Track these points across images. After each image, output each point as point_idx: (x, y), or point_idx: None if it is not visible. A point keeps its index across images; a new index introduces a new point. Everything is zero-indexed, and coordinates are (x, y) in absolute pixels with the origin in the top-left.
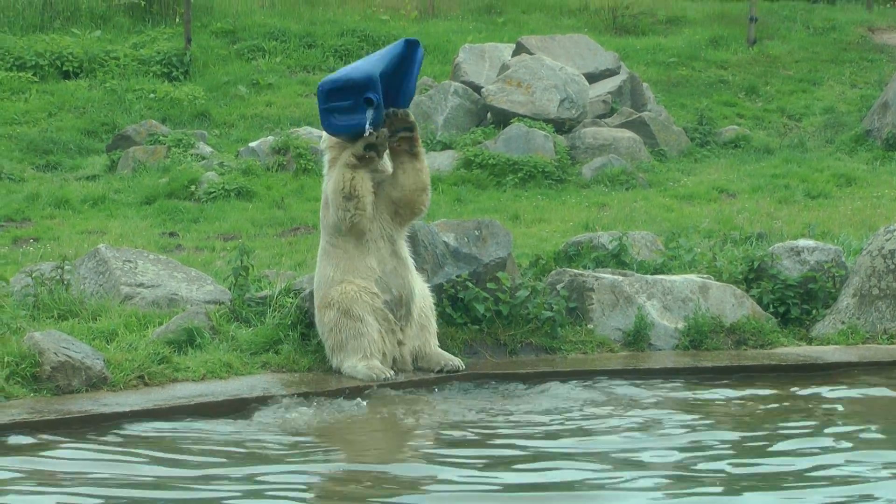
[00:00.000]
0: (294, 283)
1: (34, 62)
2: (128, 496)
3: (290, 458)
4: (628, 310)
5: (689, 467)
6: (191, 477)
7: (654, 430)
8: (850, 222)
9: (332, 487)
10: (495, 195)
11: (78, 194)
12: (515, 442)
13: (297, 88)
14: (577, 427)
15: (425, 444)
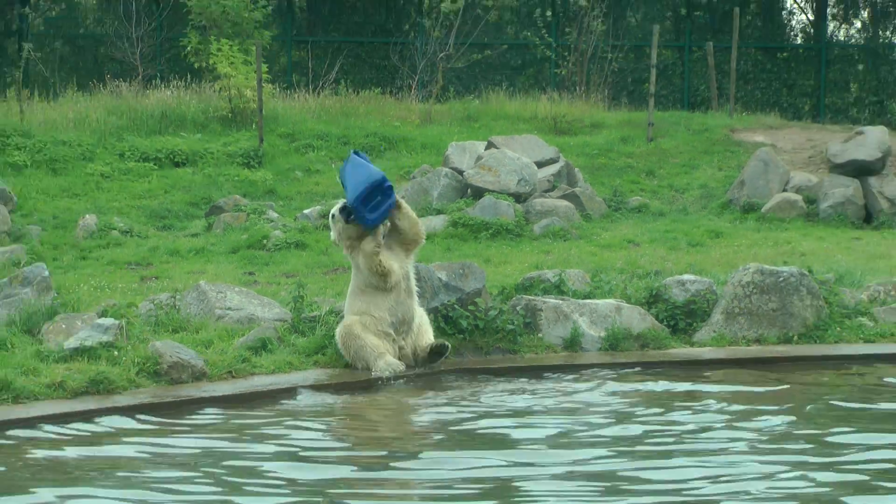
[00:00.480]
0: (335, 307)
1: (155, 156)
2: (221, 447)
3: (328, 423)
4: (566, 324)
5: (599, 426)
6: (269, 434)
7: (582, 404)
8: (718, 263)
9: (353, 444)
10: (474, 245)
11: (185, 246)
12: (486, 409)
13: (336, 173)
14: (526, 402)
15: (425, 414)
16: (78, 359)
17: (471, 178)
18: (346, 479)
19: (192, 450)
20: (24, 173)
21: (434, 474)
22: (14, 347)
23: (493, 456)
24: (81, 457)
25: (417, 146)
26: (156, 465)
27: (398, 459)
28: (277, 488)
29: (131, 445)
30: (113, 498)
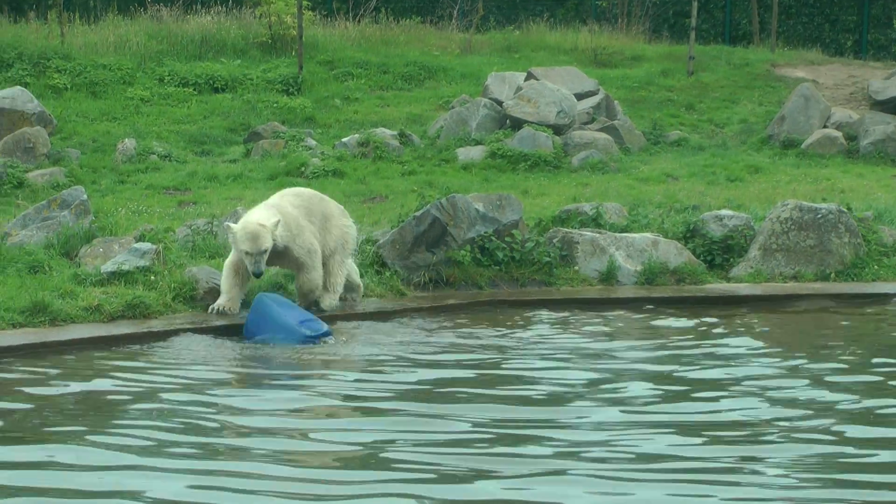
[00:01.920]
0: (372, 236)
1: (194, 81)
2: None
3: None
4: (603, 257)
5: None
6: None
7: (620, 331)
8: (757, 198)
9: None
10: (511, 177)
11: (223, 172)
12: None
13: (376, 101)
14: (561, 335)
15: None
16: (115, 283)
17: (510, 109)
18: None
19: (228, 374)
20: (64, 96)
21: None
22: (52, 270)
23: (529, 390)
24: (116, 383)
25: (457, 76)
26: (190, 390)
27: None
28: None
29: (166, 370)
30: (151, 426)
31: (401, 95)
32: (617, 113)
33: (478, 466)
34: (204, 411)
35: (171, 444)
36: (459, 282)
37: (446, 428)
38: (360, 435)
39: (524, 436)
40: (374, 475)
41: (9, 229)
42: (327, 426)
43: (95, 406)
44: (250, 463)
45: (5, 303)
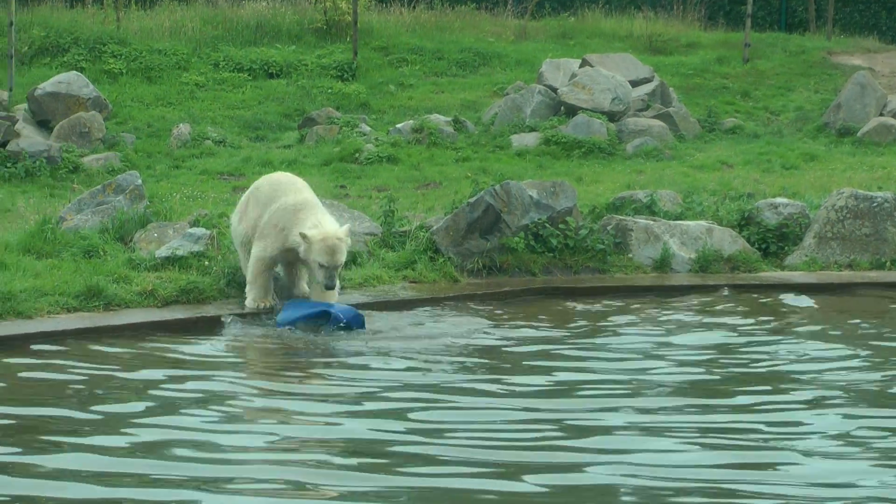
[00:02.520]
0: (426, 222)
1: (249, 66)
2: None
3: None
4: (657, 244)
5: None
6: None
7: (670, 326)
8: (812, 186)
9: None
10: (566, 163)
11: (278, 158)
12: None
13: (430, 87)
14: (616, 321)
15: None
16: (169, 268)
17: (564, 95)
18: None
19: (283, 360)
20: (120, 81)
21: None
22: (106, 255)
23: (586, 369)
24: (172, 369)
25: (511, 62)
26: (244, 372)
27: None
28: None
29: (219, 356)
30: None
31: (455, 82)
32: (672, 100)
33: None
34: (256, 394)
35: (221, 432)
36: (513, 269)
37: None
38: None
39: (589, 427)
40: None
41: (64, 214)
42: (388, 411)
43: (146, 389)
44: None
45: (60, 287)
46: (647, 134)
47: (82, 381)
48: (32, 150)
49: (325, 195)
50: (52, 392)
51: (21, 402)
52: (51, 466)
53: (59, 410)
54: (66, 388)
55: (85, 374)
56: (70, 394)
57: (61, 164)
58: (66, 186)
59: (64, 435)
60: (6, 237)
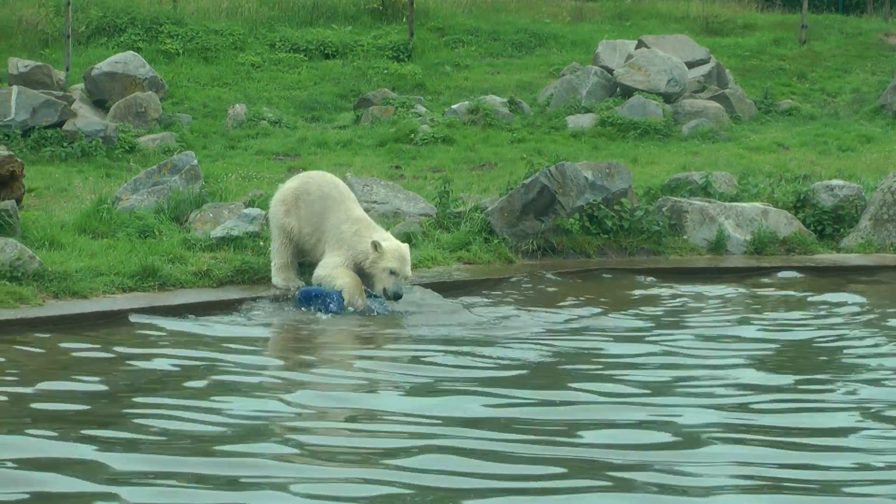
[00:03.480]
0: (481, 203)
1: (305, 47)
2: None
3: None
4: (712, 226)
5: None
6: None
7: (725, 307)
8: (868, 168)
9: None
10: (621, 145)
11: (333, 138)
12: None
13: (486, 68)
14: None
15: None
16: (224, 248)
17: (620, 76)
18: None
19: (335, 339)
20: (176, 61)
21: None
22: (161, 235)
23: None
24: (223, 350)
25: (567, 44)
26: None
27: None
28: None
29: (273, 337)
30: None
31: (511, 63)
32: (728, 82)
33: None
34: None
35: (273, 418)
36: (567, 250)
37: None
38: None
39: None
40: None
41: (120, 194)
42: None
43: (207, 371)
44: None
45: (116, 267)
46: (703, 115)
47: (140, 361)
48: (89, 129)
49: (380, 176)
50: (107, 371)
51: (79, 380)
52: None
53: (113, 389)
54: (121, 368)
55: (142, 355)
56: (126, 374)
57: (117, 144)
58: (121, 166)
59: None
60: (62, 217)
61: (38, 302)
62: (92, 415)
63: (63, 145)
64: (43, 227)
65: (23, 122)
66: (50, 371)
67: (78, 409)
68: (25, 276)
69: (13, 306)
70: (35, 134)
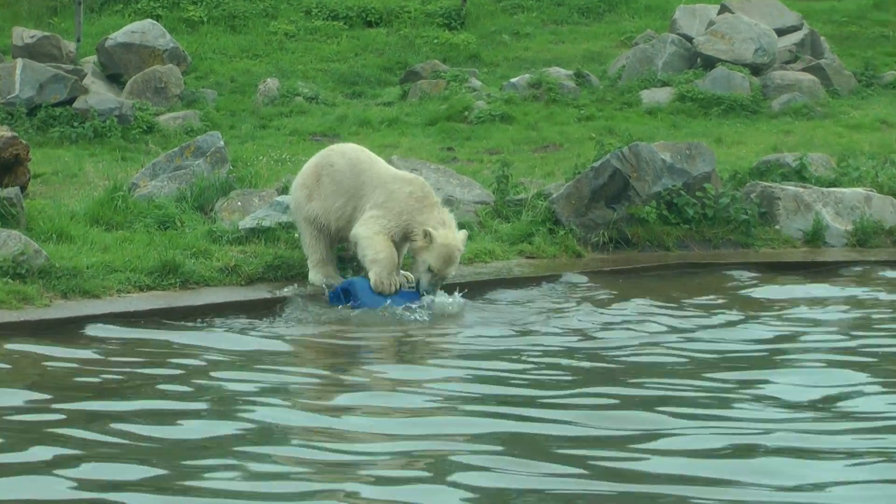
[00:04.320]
0: (544, 190)
1: (345, 14)
2: None
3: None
4: (807, 215)
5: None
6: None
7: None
8: None
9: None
10: (703, 123)
11: (377, 116)
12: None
13: (549, 37)
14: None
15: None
16: (254, 240)
17: (701, 45)
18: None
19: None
20: (200, 30)
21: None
22: (184, 226)
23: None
24: (257, 359)
25: (640, 8)
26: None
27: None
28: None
29: (306, 343)
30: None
31: (577, 30)
32: (823, 51)
33: None
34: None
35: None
36: (643, 242)
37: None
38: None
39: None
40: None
41: (137, 179)
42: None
43: (227, 382)
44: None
45: (132, 262)
46: (796, 89)
47: (154, 369)
48: (102, 107)
49: (430, 159)
50: (119, 381)
51: (87, 393)
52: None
53: (125, 404)
54: (136, 378)
55: (158, 362)
56: (140, 384)
57: (134, 124)
58: (139, 149)
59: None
60: (72, 206)
61: (45, 302)
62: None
63: (73, 125)
64: (50, 217)
65: (28, 99)
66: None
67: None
68: (30, 272)
69: (16, 307)
70: (42, 112)
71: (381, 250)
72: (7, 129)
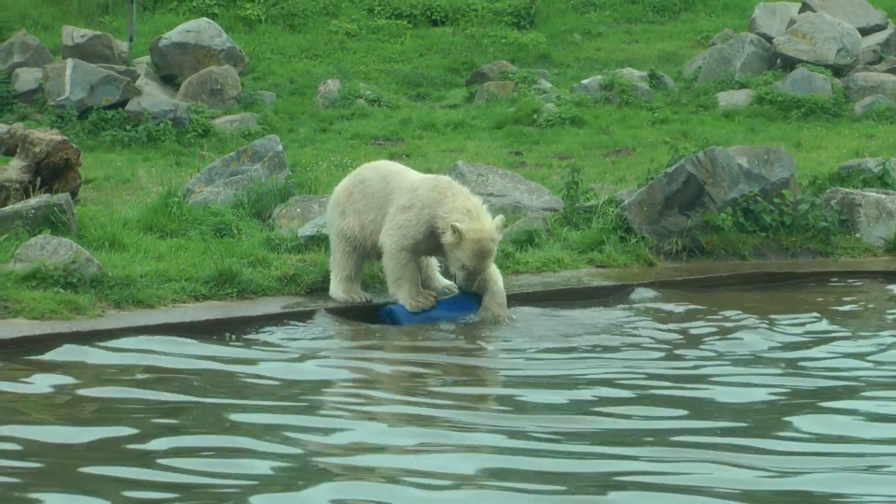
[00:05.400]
0: (616, 196)
1: (409, 12)
2: None
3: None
4: (890, 222)
5: None
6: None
7: None
8: None
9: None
10: (782, 126)
11: (442, 119)
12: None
13: (622, 37)
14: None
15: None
16: (313, 248)
17: (781, 45)
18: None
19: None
20: (258, 30)
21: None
22: (241, 233)
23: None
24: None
25: (718, 7)
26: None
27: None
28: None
29: (369, 352)
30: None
31: (651, 30)
32: None
33: None
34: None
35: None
36: (718, 250)
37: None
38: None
39: None
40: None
41: (192, 185)
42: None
43: (293, 395)
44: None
45: (187, 271)
46: (880, 91)
47: (217, 382)
48: (156, 110)
49: (497, 164)
50: (182, 393)
51: (144, 408)
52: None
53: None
54: (196, 388)
55: (219, 376)
56: (200, 395)
57: (189, 127)
58: (194, 153)
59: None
60: (125, 212)
61: (97, 312)
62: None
63: (126, 128)
64: (102, 224)
65: (79, 101)
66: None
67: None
68: (82, 282)
69: (67, 317)
70: (93, 115)
71: (400, 271)
72: (57, 133)
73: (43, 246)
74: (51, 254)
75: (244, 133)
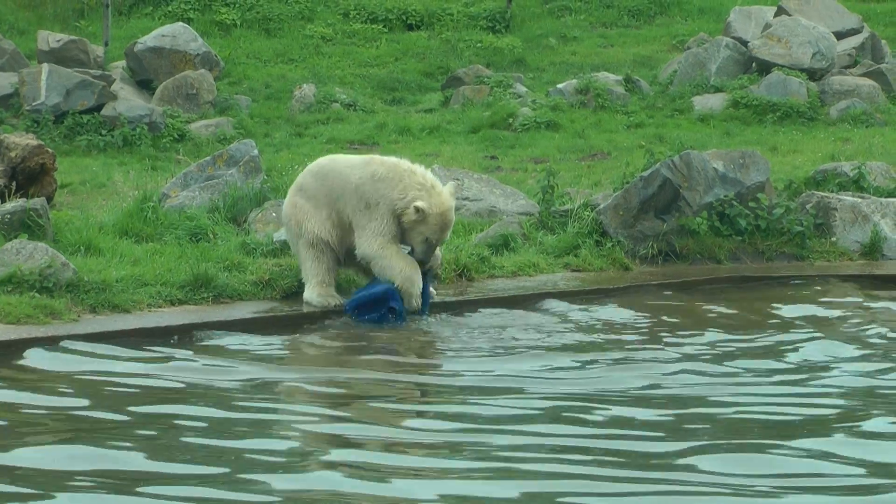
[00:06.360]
0: (591, 200)
1: (384, 16)
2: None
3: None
4: (865, 226)
5: None
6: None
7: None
8: None
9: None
10: (757, 130)
11: (417, 124)
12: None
13: (597, 41)
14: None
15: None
16: (289, 253)
17: (756, 49)
18: None
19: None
20: (233, 34)
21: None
22: (216, 238)
23: None
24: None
25: (694, 10)
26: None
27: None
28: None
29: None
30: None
31: (627, 34)
32: (884, 55)
33: None
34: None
35: None
36: (694, 254)
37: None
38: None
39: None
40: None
41: (167, 190)
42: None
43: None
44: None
45: (163, 276)
46: (855, 95)
47: (188, 385)
48: (131, 114)
49: (473, 168)
50: (150, 399)
51: (119, 407)
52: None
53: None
54: (167, 394)
55: (193, 379)
56: (172, 401)
57: (165, 132)
58: (169, 157)
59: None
60: (101, 217)
61: (72, 317)
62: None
63: (101, 133)
64: (78, 229)
65: (55, 106)
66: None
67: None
68: (57, 286)
69: (43, 322)
70: (69, 120)
71: (402, 266)
72: (32, 138)
73: (19, 250)
74: (26, 258)
75: (220, 138)
